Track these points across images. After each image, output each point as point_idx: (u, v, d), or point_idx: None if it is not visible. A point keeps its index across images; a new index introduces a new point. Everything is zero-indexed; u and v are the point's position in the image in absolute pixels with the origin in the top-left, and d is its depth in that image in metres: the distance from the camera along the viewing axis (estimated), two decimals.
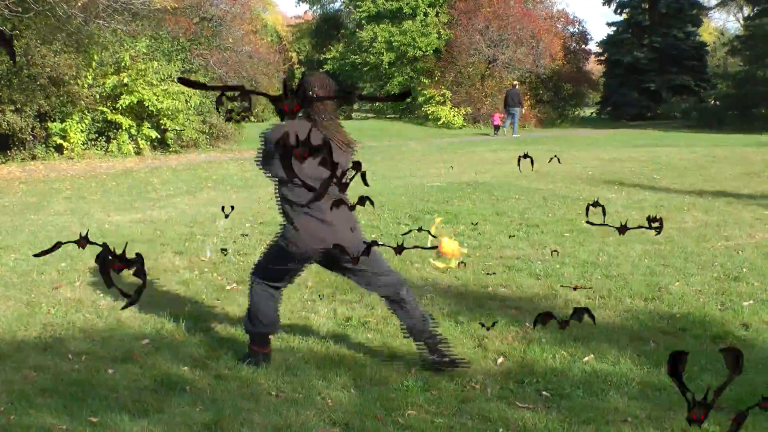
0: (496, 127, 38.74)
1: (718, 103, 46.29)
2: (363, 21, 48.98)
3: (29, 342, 6.44)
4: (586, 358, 5.91)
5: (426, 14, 48.11)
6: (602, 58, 59.69)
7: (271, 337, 6.01)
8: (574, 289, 6.89)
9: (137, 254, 2.00)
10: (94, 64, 27.02)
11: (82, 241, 2.31)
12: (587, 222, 3.64)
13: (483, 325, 6.01)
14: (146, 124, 27.73)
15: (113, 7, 24.36)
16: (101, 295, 7.84)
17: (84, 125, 26.72)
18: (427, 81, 46.09)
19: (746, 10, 59.71)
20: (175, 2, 28.23)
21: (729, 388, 5.02)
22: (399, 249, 3.18)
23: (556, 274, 8.53)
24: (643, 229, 3.33)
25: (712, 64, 58.43)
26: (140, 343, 6.35)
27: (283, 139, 1.77)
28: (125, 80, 27.20)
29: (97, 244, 2.04)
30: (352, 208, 2.90)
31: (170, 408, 5.11)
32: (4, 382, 5.53)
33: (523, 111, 39.61)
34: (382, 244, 3.23)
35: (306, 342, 6.33)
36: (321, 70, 52.59)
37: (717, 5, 61.05)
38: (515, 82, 41.59)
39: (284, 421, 4.89)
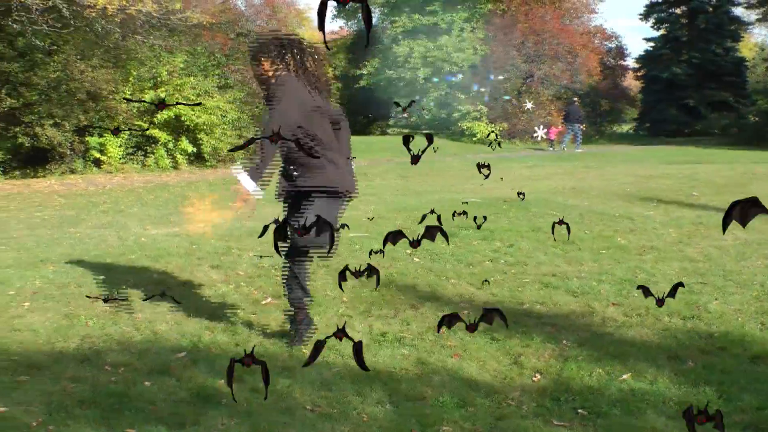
0: (551, 141, 39.00)
1: (757, 119, 45.88)
2: (399, 36, 49.06)
3: (68, 353, 6.48)
4: (624, 377, 5.86)
5: (462, 29, 48.17)
6: (640, 73, 59.51)
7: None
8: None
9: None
10: (131, 79, 27.25)
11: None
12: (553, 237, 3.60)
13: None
14: (183, 139, 27.89)
15: (151, 22, 24.57)
16: (138, 308, 7.88)
17: (122, 139, 26.92)
18: (463, 96, 46.08)
19: None
20: (212, 18, 28.45)
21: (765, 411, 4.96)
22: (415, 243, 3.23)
23: (593, 292, 8.49)
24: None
25: (752, 80, 58.02)
26: (177, 356, 6.37)
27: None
28: (162, 95, 27.34)
29: None
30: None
31: (206, 420, 5.12)
32: (43, 393, 5.57)
33: (583, 127, 39.69)
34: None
35: (341, 357, 6.33)
36: (356, 85, 52.73)
37: (757, 20, 60.62)
38: (575, 98, 41.66)
39: None
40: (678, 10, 56.69)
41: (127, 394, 5.55)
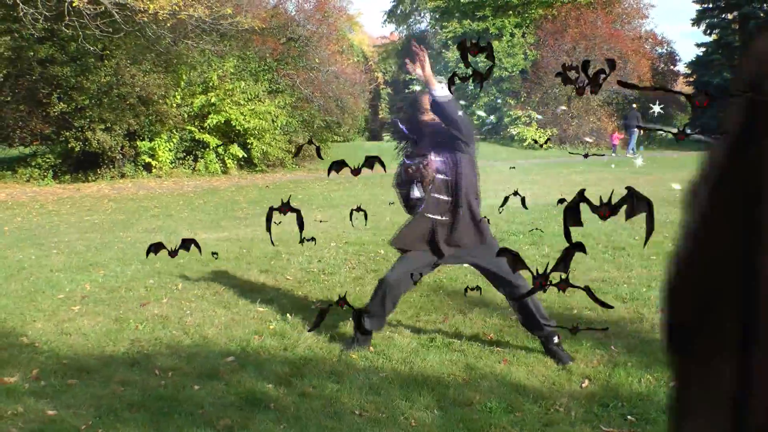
0: (614, 147, 39.57)
1: None
2: (449, 42, 49.02)
3: (117, 357, 6.54)
4: (673, 383, 5.82)
5: (512, 35, 48.04)
6: (691, 79, 59.02)
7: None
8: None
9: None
10: (182, 83, 27.47)
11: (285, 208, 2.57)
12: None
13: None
14: (233, 144, 28.04)
15: (201, 27, 24.76)
16: (188, 312, 7.94)
17: (172, 144, 27.15)
18: (513, 102, 45.97)
19: None
20: (263, 23, 28.57)
21: None
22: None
23: (642, 298, 8.42)
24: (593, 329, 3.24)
25: None
26: (225, 361, 6.40)
27: None
28: (213, 100, 27.56)
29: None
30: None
31: (255, 425, 5.14)
32: (93, 396, 5.62)
33: (641, 132, 40.40)
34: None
35: (389, 362, 6.33)
36: (407, 90, 52.80)
37: None
38: (634, 105, 42.00)
39: None
40: (729, 16, 56.21)
41: (176, 398, 5.59)
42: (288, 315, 7.82)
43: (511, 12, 48.79)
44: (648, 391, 5.70)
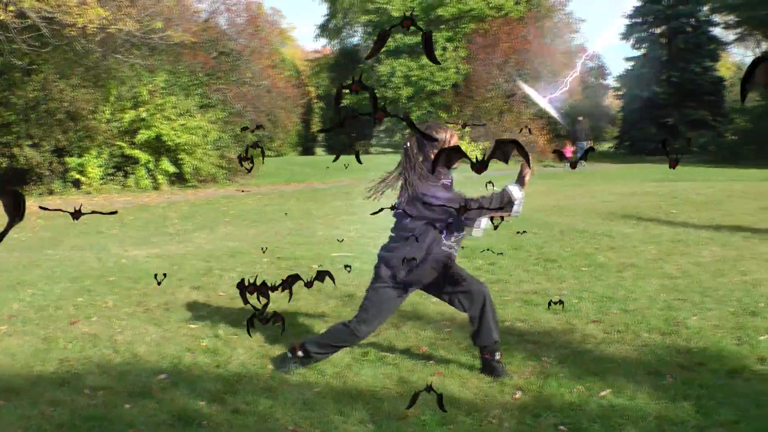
0: (568, 160, 40.12)
1: (735, 137, 46.20)
2: (381, 56, 49.22)
3: (46, 377, 6.46)
4: (603, 393, 5.88)
5: (445, 49, 48.44)
6: (620, 92, 59.81)
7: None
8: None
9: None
10: (112, 98, 27.22)
11: None
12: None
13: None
14: (164, 159, 27.87)
15: (131, 41, 24.60)
16: (118, 330, 7.87)
17: (102, 160, 26.89)
18: (445, 115, 46.25)
19: (764, 45, 59.73)
20: (194, 37, 28.44)
21: (747, 424, 4.98)
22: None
23: (573, 309, 8.51)
24: None
25: (729, 99, 58.37)
26: (157, 378, 6.35)
27: None
28: (143, 115, 27.36)
29: None
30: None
31: None
32: (21, 417, 5.55)
33: (590, 143, 41.11)
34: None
35: (323, 377, 6.33)
36: (340, 105, 52.99)
37: (735, 40, 60.96)
38: (580, 118, 42.58)
39: None
40: (658, 30, 57.03)
41: (107, 417, 5.53)
42: (220, 331, 7.78)
43: (443, 26, 49.15)
44: (580, 401, 5.76)
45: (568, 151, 40.72)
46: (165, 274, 5.87)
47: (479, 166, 2.44)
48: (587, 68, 57.51)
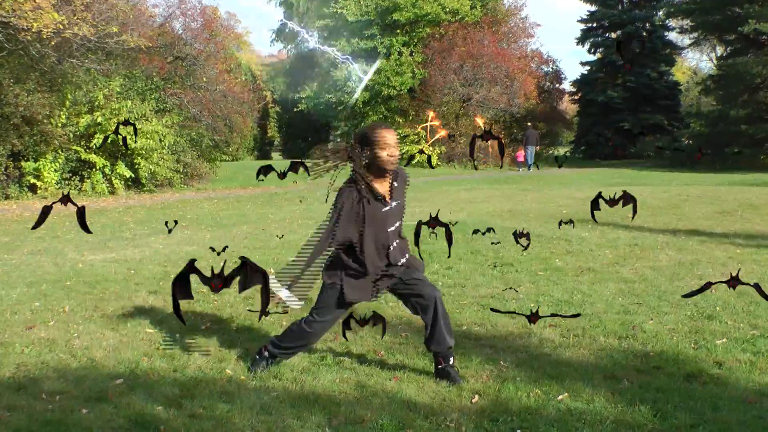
0: (521, 164, 40.97)
1: (690, 142, 46.64)
2: (338, 60, 49.19)
3: (2, 382, 6.40)
4: (561, 396, 5.91)
5: (400, 53, 48.47)
6: (576, 97, 60.21)
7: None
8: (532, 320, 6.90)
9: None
10: (67, 103, 27.03)
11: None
12: (493, 309, 3.71)
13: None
14: (120, 164, 27.72)
15: (87, 46, 24.43)
16: (75, 334, 7.81)
17: (58, 164, 26.70)
18: (401, 120, 46.30)
19: (719, 50, 60.34)
20: (149, 41, 28.31)
21: (703, 428, 5.03)
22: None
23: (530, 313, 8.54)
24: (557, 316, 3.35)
25: (685, 104, 58.93)
26: (114, 383, 6.31)
27: None
28: (99, 119, 27.20)
29: None
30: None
31: None
32: None
33: (538, 149, 42.80)
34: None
35: (280, 381, 6.32)
36: (295, 109, 52.99)
37: (690, 45, 61.60)
38: (528, 123, 43.45)
39: None
40: (613, 35, 57.50)
41: (64, 423, 5.49)
42: (177, 336, 7.75)
43: (398, 30, 49.21)
44: (537, 404, 5.79)
45: (521, 155, 41.25)
46: (176, 221, 5.72)
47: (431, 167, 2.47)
48: (543, 72, 57.75)
